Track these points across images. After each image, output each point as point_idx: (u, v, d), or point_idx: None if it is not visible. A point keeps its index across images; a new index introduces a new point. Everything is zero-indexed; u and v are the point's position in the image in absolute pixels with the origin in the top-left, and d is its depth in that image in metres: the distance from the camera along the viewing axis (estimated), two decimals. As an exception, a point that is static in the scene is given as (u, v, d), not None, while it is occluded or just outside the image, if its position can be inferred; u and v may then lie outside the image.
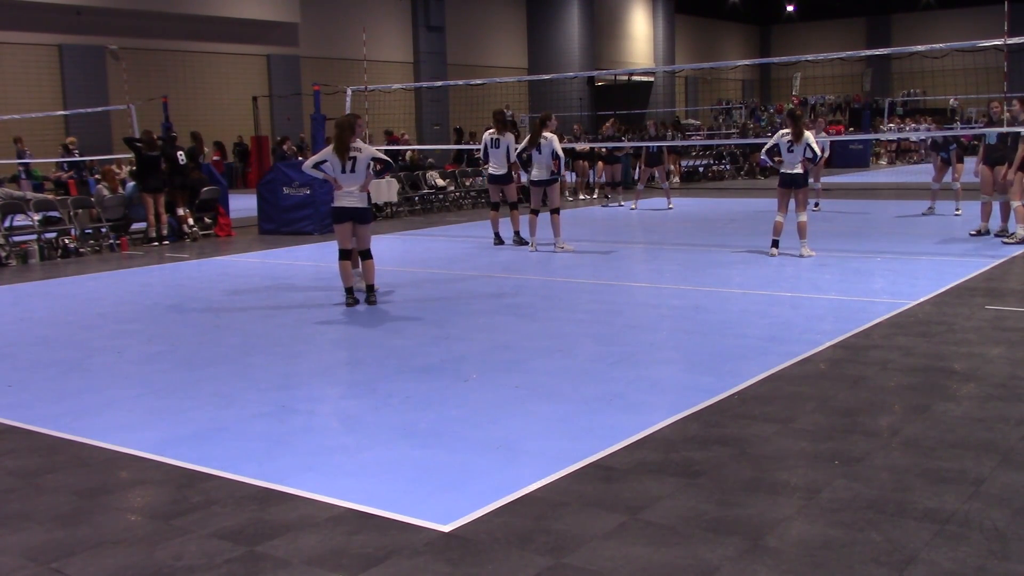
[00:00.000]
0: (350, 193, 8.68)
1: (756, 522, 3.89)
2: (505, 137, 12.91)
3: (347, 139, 8.63)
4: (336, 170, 8.67)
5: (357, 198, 8.70)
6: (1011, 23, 13.81)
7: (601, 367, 6.42)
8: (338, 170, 8.66)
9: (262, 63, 31.22)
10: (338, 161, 8.63)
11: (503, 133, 12.95)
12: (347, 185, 8.68)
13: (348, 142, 8.63)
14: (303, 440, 5.11)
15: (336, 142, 8.66)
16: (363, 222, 8.79)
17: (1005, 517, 3.86)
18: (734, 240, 12.95)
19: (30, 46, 25.78)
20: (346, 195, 8.69)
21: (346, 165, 8.62)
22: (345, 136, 8.63)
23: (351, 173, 8.66)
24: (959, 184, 15.00)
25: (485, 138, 13.25)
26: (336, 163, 8.65)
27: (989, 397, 5.49)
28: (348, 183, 8.68)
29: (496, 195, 13.31)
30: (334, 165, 8.67)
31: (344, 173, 8.66)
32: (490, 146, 13.03)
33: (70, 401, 6.01)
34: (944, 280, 9.24)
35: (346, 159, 8.62)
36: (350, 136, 8.64)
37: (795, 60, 20.47)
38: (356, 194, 8.69)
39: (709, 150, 28.16)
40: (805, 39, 51.88)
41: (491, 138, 13.04)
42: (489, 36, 39.12)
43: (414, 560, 3.64)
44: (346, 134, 8.63)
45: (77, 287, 10.82)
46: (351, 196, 8.68)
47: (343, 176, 8.67)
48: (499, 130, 13.00)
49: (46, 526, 4.09)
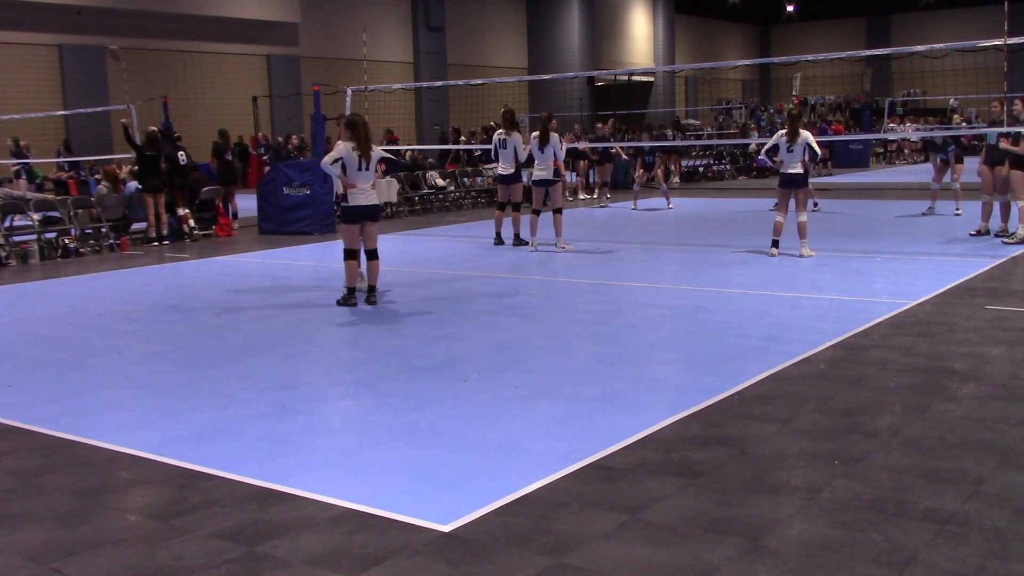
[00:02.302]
0: (365, 191, 8.75)
1: (756, 522, 3.89)
2: (512, 137, 12.85)
3: (369, 137, 8.75)
4: (352, 168, 8.69)
5: (372, 195, 8.81)
6: (1011, 23, 13.82)
7: (601, 367, 6.42)
8: (354, 168, 8.69)
9: (262, 63, 31.22)
10: (356, 159, 8.67)
11: (511, 133, 12.91)
12: (361, 183, 8.74)
13: (371, 140, 8.75)
14: (303, 440, 5.11)
15: (359, 140, 8.68)
16: (375, 220, 8.91)
17: (1005, 517, 3.86)
18: (734, 240, 12.95)
19: (30, 46, 25.78)
20: (361, 193, 8.75)
21: (362, 163, 8.69)
22: (368, 135, 8.75)
23: (365, 171, 8.73)
24: (958, 184, 15.01)
25: (495, 138, 13.23)
26: (354, 161, 8.67)
27: (989, 397, 5.49)
28: (363, 181, 8.74)
29: (504, 195, 13.27)
30: (350, 163, 8.68)
31: (360, 171, 8.71)
32: (499, 146, 13.00)
33: (70, 401, 6.01)
34: (944, 280, 9.24)
35: (364, 156, 8.69)
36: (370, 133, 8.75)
37: (795, 60, 20.49)
38: (370, 191, 8.79)
39: (709, 150, 28.16)
40: (805, 39, 51.87)
41: (499, 138, 13.01)
42: (489, 36, 39.11)
43: (414, 560, 3.65)
44: (367, 131, 8.76)
45: (77, 287, 10.82)
46: (366, 194, 8.77)
47: (358, 174, 8.72)
48: (507, 130, 12.96)
49: (46, 526, 4.09)
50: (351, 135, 8.72)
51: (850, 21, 51.86)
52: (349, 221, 8.84)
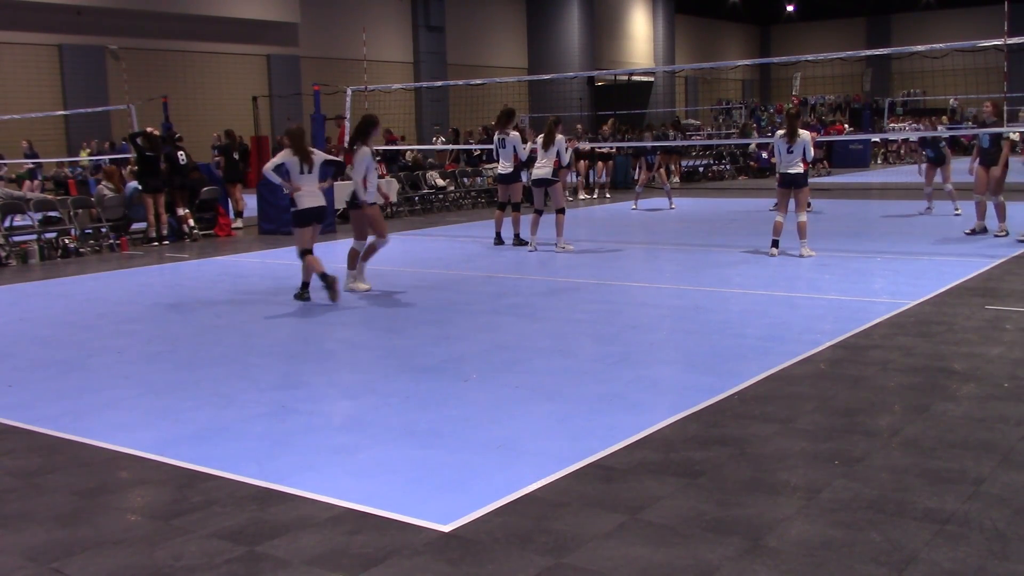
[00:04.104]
0: (311, 193, 9.19)
1: (756, 522, 3.89)
2: (511, 136, 12.83)
3: (305, 142, 9.31)
4: (294, 172, 9.15)
5: (319, 197, 9.25)
6: (1011, 23, 13.82)
7: (601, 367, 6.42)
8: (296, 172, 9.14)
9: (262, 63, 31.23)
10: (298, 163, 9.12)
11: (507, 132, 12.85)
12: (306, 186, 9.17)
13: (307, 145, 9.31)
14: (303, 440, 5.11)
15: (295, 146, 9.17)
16: (323, 221, 9.40)
17: (1005, 517, 3.86)
18: (734, 240, 12.94)
19: (30, 46, 25.79)
20: (307, 195, 9.17)
21: (304, 167, 9.13)
22: (303, 140, 9.30)
23: (309, 174, 9.18)
24: (951, 185, 14.94)
25: (495, 138, 13.22)
26: (295, 165, 9.13)
27: (989, 397, 5.49)
28: (307, 184, 9.18)
29: (504, 195, 13.26)
30: (292, 167, 9.13)
31: (303, 174, 9.16)
32: (498, 146, 12.99)
33: (70, 401, 6.01)
34: (944, 280, 9.24)
35: (305, 161, 9.15)
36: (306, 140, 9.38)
37: (795, 60, 20.48)
38: (317, 193, 9.23)
39: (709, 150, 28.15)
40: (805, 39, 51.89)
41: (498, 137, 13.01)
42: (489, 36, 39.12)
43: (414, 560, 3.64)
44: (303, 138, 9.35)
45: (77, 287, 10.82)
46: (313, 195, 9.20)
47: (301, 177, 9.16)
48: (502, 129, 12.93)
49: (46, 526, 4.09)
50: (288, 143, 9.28)
51: (850, 21, 51.88)
52: (299, 224, 9.21)
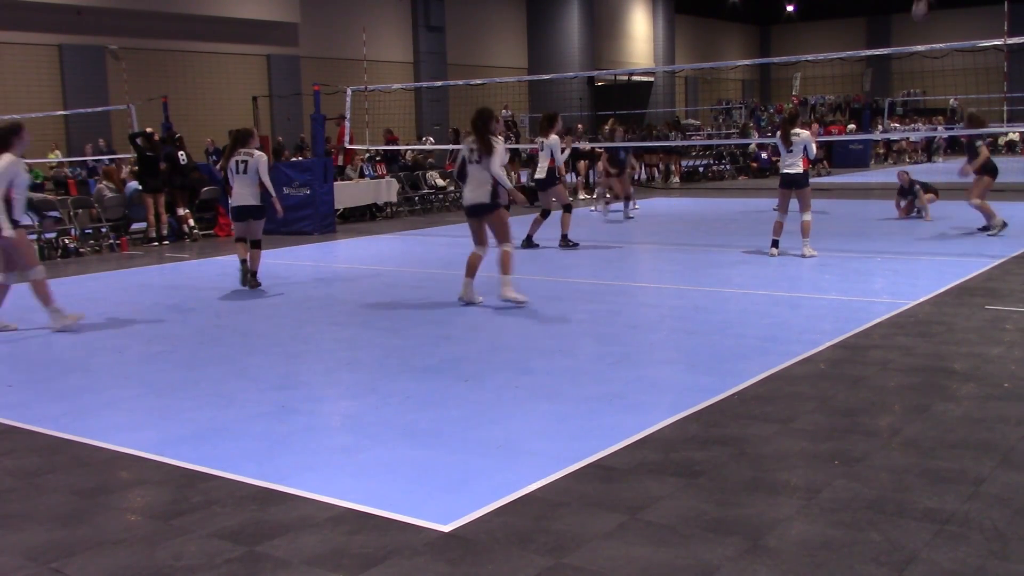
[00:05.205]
0: (241, 194, 10.00)
1: (756, 522, 3.89)
2: (549, 140, 12.52)
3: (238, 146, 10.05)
4: (231, 174, 10.02)
5: (250, 196, 9.99)
6: (1011, 23, 13.82)
7: (601, 367, 6.42)
8: (232, 174, 10.01)
9: (262, 63, 31.21)
10: (235, 165, 9.96)
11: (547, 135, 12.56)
12: (237, 187, 10.01)
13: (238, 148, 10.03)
14: (303, 440, 5.11)
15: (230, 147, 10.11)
16: (257, 218, 10.11)
17: (1005, 517, 3.86)
18: (734, 240, 12.94)
19: (30, 46, 25.77)
20: (238, 195, 10.04)
21: (239, 167, 9.93)
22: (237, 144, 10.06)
23: (243, 175, 9.93)
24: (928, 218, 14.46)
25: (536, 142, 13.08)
26: (232, 167, 9.99)
27: (989, 397, 5.49)
28: (238, 185, 9.99)
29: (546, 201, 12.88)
30: (231, 169, 10.02)
31: (237, 174, 9.97)
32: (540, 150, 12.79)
33: (70, 401, 6.01)
34: (944, 280, 9.24)
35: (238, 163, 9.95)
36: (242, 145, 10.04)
37: (795, 60, 20.50)
38: (246, 193, 9.98)
39: (709, 150, 28.14)
40: (805, 39, 51.87)
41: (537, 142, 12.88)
42: (489, 36, 39.10)
43: (414, 560, 3.64)
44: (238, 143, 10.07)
45: (77, 287, 10.81)
46: (242, 195, 10.00)
47: (234, 177, 10.00)
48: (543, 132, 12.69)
49: (46, 526, 4.09)
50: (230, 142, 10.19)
51: (850, 21, 51.86)
52: (234, 219, 10.35)
